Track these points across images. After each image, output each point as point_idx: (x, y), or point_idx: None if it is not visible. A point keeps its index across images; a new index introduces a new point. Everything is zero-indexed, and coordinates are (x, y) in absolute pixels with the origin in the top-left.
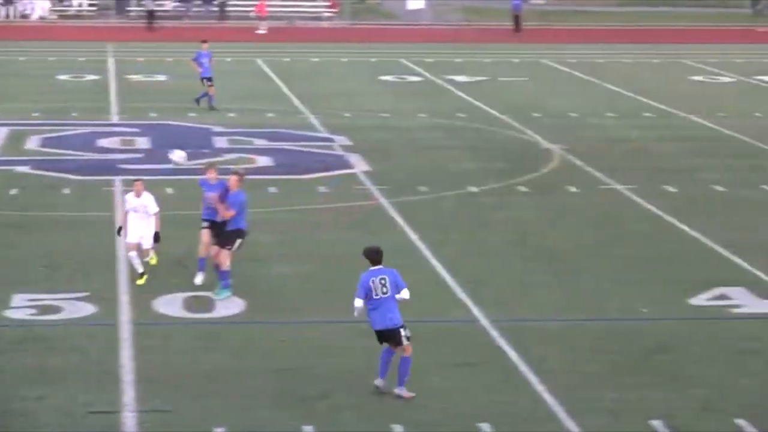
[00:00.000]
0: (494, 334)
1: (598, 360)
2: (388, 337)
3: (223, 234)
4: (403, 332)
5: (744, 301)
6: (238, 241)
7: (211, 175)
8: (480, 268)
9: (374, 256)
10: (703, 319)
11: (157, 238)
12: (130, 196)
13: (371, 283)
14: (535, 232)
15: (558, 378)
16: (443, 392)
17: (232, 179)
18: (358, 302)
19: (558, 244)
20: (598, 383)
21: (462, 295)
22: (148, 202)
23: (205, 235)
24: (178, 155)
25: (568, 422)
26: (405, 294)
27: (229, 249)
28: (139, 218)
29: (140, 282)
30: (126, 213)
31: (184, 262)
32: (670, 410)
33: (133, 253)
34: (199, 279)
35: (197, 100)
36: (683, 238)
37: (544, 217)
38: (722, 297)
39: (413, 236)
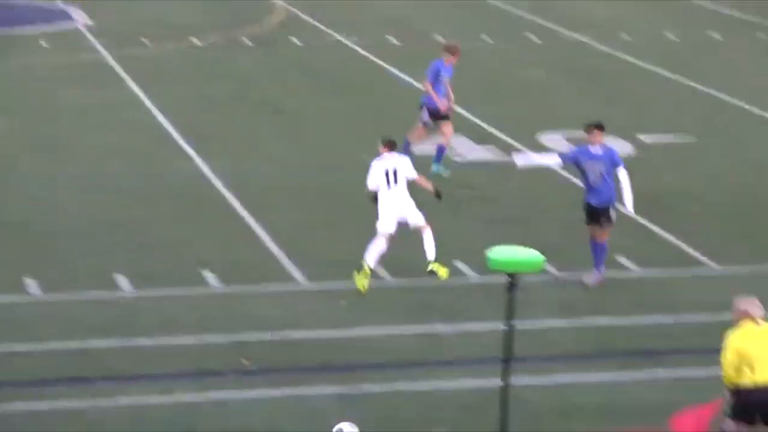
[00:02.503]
0: (221, 187)
1: (320, 212)
2: None
3: None
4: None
5: None
6: None
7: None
8: (205, 122)
9: None
10: None
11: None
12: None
13: None
14: (258, 86)
15: (284, 230)
16: (172, 244)
17: None
18: None
19: (282, 97)
20: (320, 234)
21: (189, 150)
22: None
23: None
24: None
25: (294, 271)
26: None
27: None
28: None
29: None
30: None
31: None
32: None
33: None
34: None
35: None
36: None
37: (268, 71)
38: None
39: (138, 90)
